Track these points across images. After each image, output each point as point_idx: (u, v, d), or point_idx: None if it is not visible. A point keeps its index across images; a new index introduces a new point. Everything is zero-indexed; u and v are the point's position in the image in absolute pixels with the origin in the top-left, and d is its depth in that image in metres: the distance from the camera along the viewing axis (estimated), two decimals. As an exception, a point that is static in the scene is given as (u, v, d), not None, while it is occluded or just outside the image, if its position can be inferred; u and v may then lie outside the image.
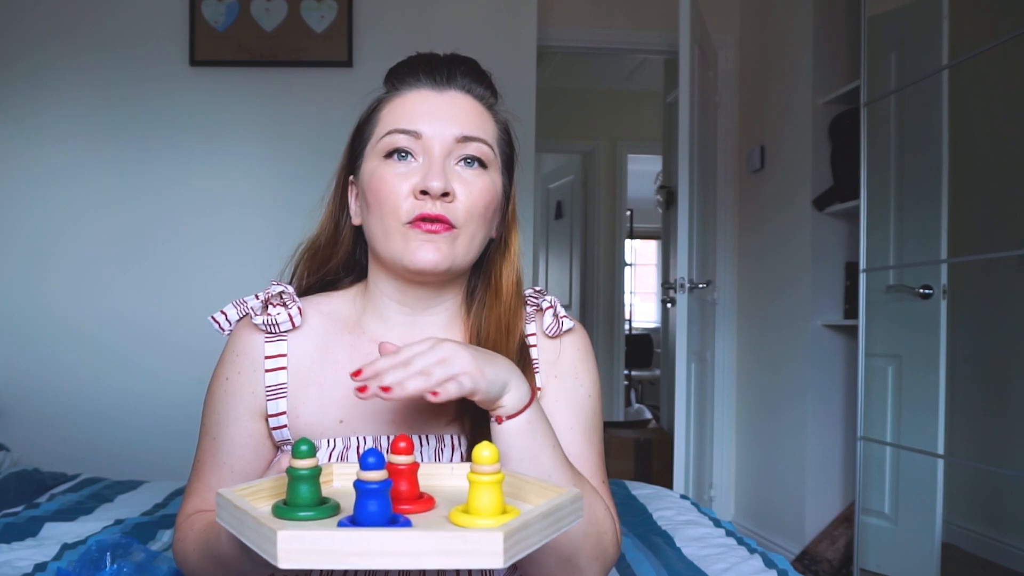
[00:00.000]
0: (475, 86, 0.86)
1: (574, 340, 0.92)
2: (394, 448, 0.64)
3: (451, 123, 0.82)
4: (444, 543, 0.51)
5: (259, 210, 2.77)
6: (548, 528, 0.57)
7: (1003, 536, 2.65)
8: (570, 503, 0.60)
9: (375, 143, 0.84)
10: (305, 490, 0.60)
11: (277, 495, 0.65)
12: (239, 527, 0.58)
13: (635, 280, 8.34)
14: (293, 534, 0.51)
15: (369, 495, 0.57)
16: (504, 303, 0.88)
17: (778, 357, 3.09)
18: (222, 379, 0.87)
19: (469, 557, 0.51)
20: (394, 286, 0.87)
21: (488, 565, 0.51)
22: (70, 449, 2.63)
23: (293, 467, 0.60)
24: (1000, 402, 2.70)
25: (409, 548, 0.51)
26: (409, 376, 0.68)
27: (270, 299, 0.87)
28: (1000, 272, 2.70)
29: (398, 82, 0.87)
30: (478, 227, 0.83)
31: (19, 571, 1.23)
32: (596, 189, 5.68)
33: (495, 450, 0.59)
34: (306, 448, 0.61)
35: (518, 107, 2.81)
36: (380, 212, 0.82)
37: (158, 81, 2.75)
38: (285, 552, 0.51)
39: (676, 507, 1.67)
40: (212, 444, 0.87)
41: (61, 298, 2.72)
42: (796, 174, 2.95)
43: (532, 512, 0.56)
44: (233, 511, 0.59)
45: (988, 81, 2.71)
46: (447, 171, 0.81)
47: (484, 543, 0.51)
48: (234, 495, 0.61)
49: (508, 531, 0.51)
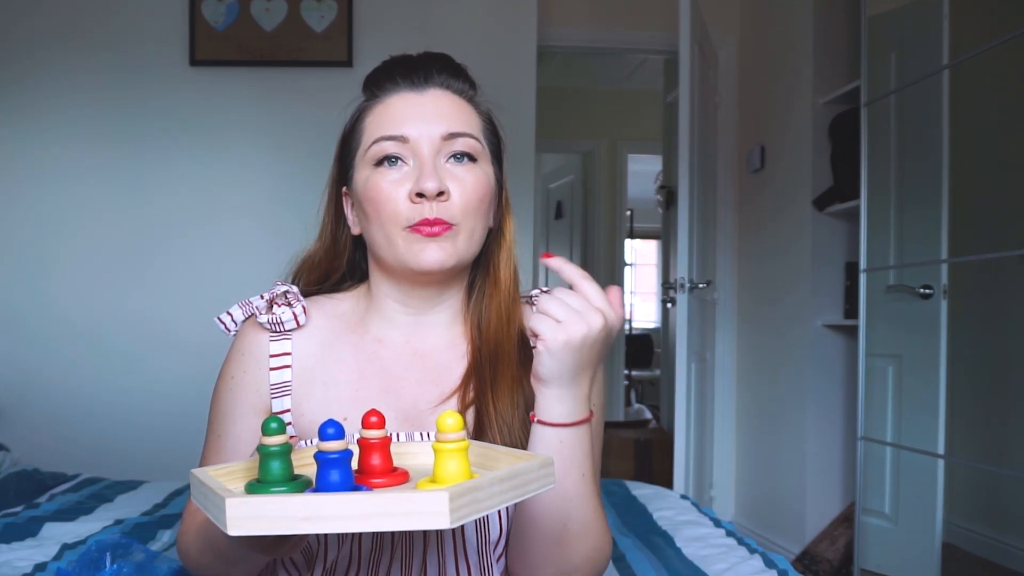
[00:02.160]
0: (453, 81, 0.87)
1: None
2: (365, 422, 0.64)
3: (435, 122, 0.83)
4: (390, 504, 0.51)
5: (260, 209, 2.77)
6: (508, 492, 0.57)
7: (1003, 536, 2.65)
8: (537, 468, 0.59)
9: (364, 153, 0.85)
10: (276, 466, 0.61)
11: (251, 475, 0.65)
12: (204, 503, 0.58)
13: (635, 280, 8.34)
14: (240, 500, 0.51)
15: (330, 465, 0.57)
16: (503, 291, 0.89)
17: (778, 357, 3.08)
18: (228, 378, 0.88)
19: (415, 518, 0.51)
20: (397, 288, 0.87)
21: (435, 526, 0.51)
22: (70, 449, 2.63)
23: (263, 444, 0.60)
24: (1000, 402, 2.70)
25: (355, 511, 0.51)
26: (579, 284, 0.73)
27: (275, 299, 0.87)
28: (1000, 272, 2.70)
29: (377, 89, 0.87)
30: (476, 221, 0.84)
31: (19, 571, 1.23)
32: (596, 189, 5.68)
33: (459, 418, 0.59)
34: (275, 425, 0.61)
35: (518, 107, 2.81)
36: (379, 220, 0.82)
37: (158, 81, 2.75)
38: (233, 519, 0.51)
39: (676, 507, 1.67)
40: (217, 442, 0.88)
41: (61, 298, 2.72)
42: (796, 174, 2.95)
43: (486, 476, 0.56)
44: (199, 487, 0.59)
45: (988, 81, 2.71)
46: (439, 170, 0.82)
47: (430, 503, 0.50)
48: (203, 473, 0.62)
49: (455, 492, 0.51)
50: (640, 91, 5.53)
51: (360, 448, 0.64)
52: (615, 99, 5.67)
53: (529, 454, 0.64)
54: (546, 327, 0.71)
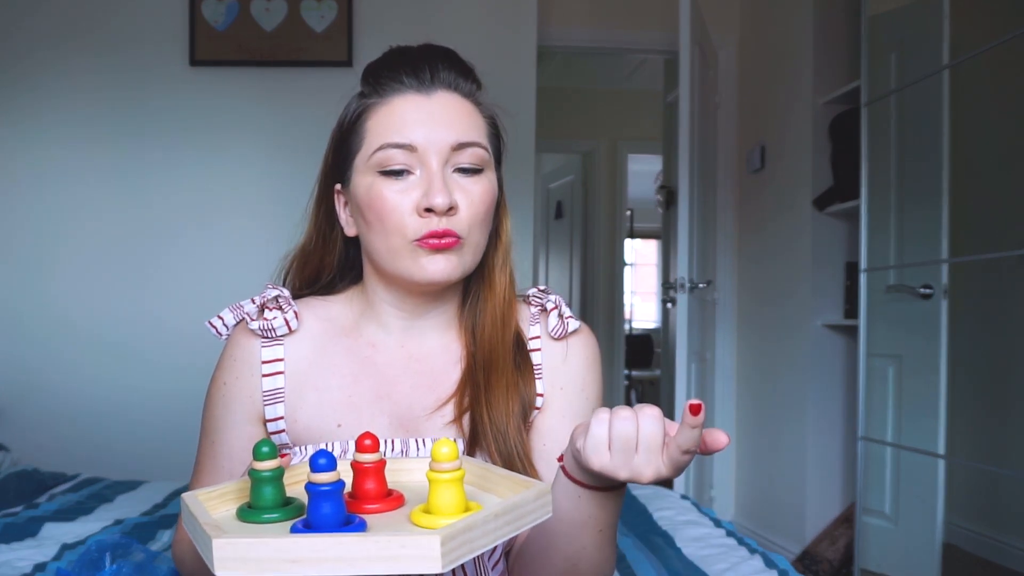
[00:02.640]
0: (461, 81, 0.83)
1: (581, 347, 0.89)
2: (359, 446, 0.62)
3: (445, 129, 0.80)
4: (379, 548, 0.50)
5: (259, 209, 2.77)
6: (505, 527, 0.55)
7: (1003, 536, 2.64)
8: (534, 499, 0.58)
9: (367, 157, 0.81)
10: (268, 492, 0.60)
11: (243, 498, 0.64)
12: (193, 531, 0.57)
13: (635, 280, 8.33)
14: (227, 542, 0.50)
15: (321, 497, 0.56)
16: (498, 296, 0.87)
17: (778, 357, 3.08)
18: (220, 384, 0.87)
19: (406, 562, 0.49)
20: (394, 294, 0.86)
21: (426, 571, 0.49)
22: (70, 449, 2.63)
23: (255, 469, 0.59)
24: (1000, 402, 2.69)
25: (343, 554, 0.50)
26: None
27: (266, 303, 0.86)
28: (1000, 272, 2.69)
29: (380, 87, 0.83)
30: (482, 233, 0.83)
31: (19, 571, 1.23)
32: (596, 189, 5.68)
33: (454, 447, 0.57)
34: (267, 450, 0.60)
35: (518, 107, 2.81)
36: (383, 231, 0.80)
37: (158, 81, 2.75)
38: (220, 560, 0.50)
39: (676, 507, 1.67)
40: (211, 448, 0.87)
41: (61, 298, 2.72)
42: (796, 174, 2.95)
43: (480, 513, 0.54)
44: (189, 517, 0.58)
45: (988, 81, 2.71)
46: (447, 182, 0.79)
47: (421, 547, 0.49)
48: (193, 499, 0.60)
49: (447, 535, 0.50)
50: (640, 91, 5.52)
51: (354, 472, 0.63)
52: (615, 99, 5.67)
53: (526, 480, 0.61)
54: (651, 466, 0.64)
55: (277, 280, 0.92)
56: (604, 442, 0.64)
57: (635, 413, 0.64)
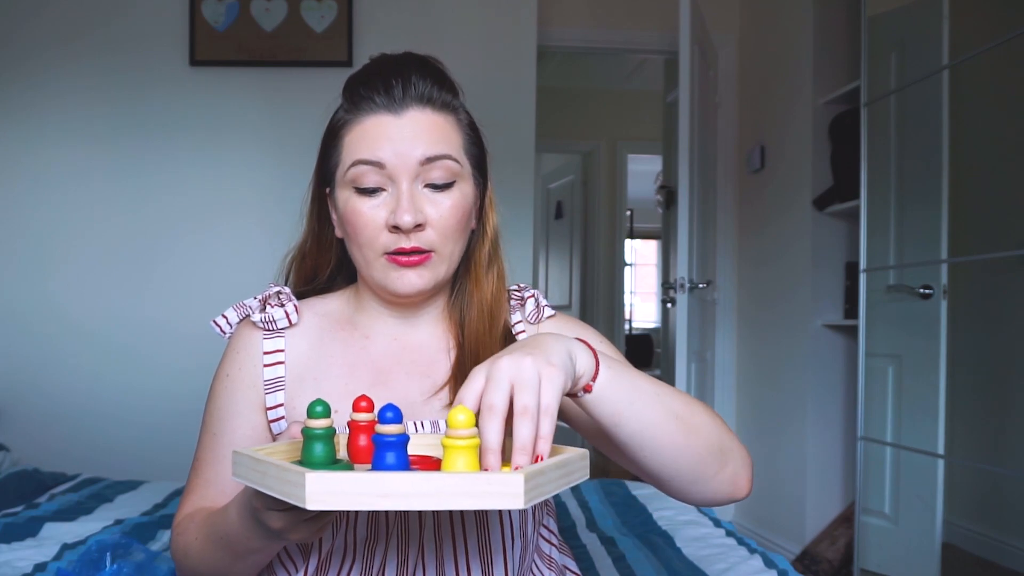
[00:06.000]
0: (434, 91, 0.84)
1: (553, 325, 0.94)
2: (355, 407, 0.66)
3: (413, 145, 0.81)
4: (468, 484, 0.53)
5: (259, 209, 2.77)
6: (561, 479, 0.59)
7: (1003, 536, 2.65)
8: (579, 459, 0.62)
9: (343, 172, 0.84)
10: (320, 449, 0.62)
11: (290, 457, 0.67)
12: (260, 479, 0.60)
13: (635, 280, 8.34)
14: (320, 475, 0.53)
15: (387, 447, 0.59)
16: (485, 290, 0.90)
17: (778, 357, 3.09)
18: (223, 376, 0.89)
19: (491, 498, 0.53)
20: (381, 297, 0.89)
21: (509, 506, 0.53)
22: (70, 449, 2.63)
23: (308, 427, 0.62)
24: (1000, 402, 2.69)
25: (432, 489, 0.53)
26: (518, 424, 0.61)
27: (268, 299, 0.90)
28: (1000, 272, 2.70)
29: (354, 105, 0.84)
30: (455, 243, 0.85)
31: (19, 571, 1.23)
32: (596, 189, 5.68)
33: (470, 414, 0.59)
34: (321, 409, 0.62)
35: (518, 107, 2.81)
36: (358, 243, 0.83)
37: (158, 81, 2.75)
38: (313, 494, 0.53)
39: (676, 507, 1.67)
40: (212, 440, 0.88)
41: (61, 298, 2.72)
42: (796, 174, 2.95)
43: (549, 461, 0.59)
44: (253, 464, 0.61)
45: (988, 81, 2.71)
46: (415, 198, 0.81)
47: (507, 484, 0.53)
48: (255, 451, 0.63)
49: (528, 474, 0.53)
50: (640, 91, 5.53)
51: (349, 431, 0.66)
52: (615, 99, 5.67)
53: (567, 448, 0.64)
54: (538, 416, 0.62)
55: (279, 275, 0.96)
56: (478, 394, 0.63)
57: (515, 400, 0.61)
